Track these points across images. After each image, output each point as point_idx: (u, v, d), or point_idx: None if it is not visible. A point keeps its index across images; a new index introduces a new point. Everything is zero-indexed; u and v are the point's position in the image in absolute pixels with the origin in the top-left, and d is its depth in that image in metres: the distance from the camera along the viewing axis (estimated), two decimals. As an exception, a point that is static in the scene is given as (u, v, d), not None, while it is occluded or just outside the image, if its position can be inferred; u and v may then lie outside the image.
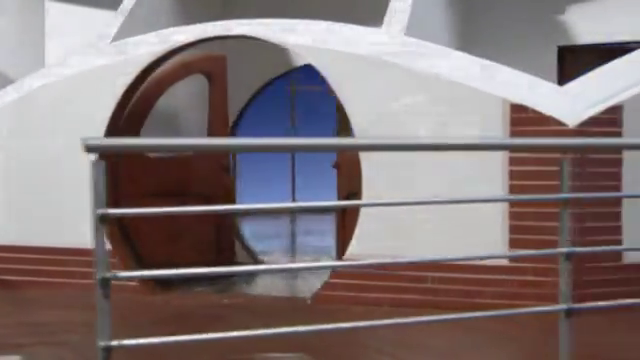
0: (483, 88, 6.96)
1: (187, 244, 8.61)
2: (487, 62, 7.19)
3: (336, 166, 8.10)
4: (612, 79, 7.09)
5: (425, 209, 6.95)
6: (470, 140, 5.37)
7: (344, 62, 7.30)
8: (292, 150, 12.68)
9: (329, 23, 7.59)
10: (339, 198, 8.03)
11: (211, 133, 8.89)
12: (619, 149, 6.26)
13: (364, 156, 7.22)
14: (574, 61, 9.01)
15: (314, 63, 7.47)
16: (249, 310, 7.06)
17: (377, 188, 7.16)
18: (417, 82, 7.08)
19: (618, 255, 6.87)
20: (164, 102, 8.96)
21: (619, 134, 6.84)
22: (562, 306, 4.94)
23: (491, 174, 6.87)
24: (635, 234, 6.81)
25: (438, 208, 6.82)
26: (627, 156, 6.76)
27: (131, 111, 8.33)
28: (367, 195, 7.21)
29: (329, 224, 9.78)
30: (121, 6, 8.93)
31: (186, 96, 9.39)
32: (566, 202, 4.98)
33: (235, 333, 4.23)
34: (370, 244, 7.15)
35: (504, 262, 6.98)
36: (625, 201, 6.92)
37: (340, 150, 7.09)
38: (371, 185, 7.21)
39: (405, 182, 7.08)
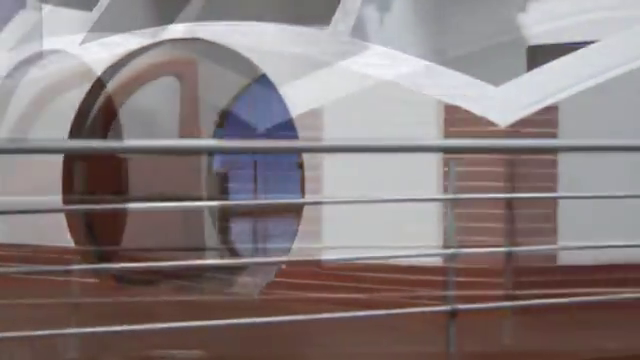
0: (419, 89, 6.97)
1: (156, 242, 8.74)
2: (426, 63, 7.20)
3: (301, 166, 8.18)
4: (551, 79, 7.04)
5: (363, 210, 6.99)
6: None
7: (283, 61, 7.38)
8: (261, 152, 12.69)
9: (273, 24, 7.69)
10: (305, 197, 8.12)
11: (182, 134, 9.02)
12: (508, 151, 6.19)
13: (306, 157, 7.30)
14: (544, 61, 8.90)
15: (257, 63, 7.58)
16: (190, 306, 7.15)
17: (321, 189, 7.25)
18: (353, 82, 7.12)
19: (553, 257, 6.83)
20: (139, 103, 9.13)
21: (554, 135, 6.78)
22: (447, 307, 4.97)
23: (426, 175, 6.87)
24: (571, 235, 6.78)
25: (372, 208, 6.85)
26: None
27: (98, 112, 8.53)
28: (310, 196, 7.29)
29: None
30: (95, 8, 9.14)
31: (161, 98, 9.54)
32: (453, 202, 5.01)
33: (116, 328, 4.40)
34: (309, 244, 7.22)
35: (440, 263, 6.96)
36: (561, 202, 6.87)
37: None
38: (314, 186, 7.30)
39: (347, 182, 7.13)
